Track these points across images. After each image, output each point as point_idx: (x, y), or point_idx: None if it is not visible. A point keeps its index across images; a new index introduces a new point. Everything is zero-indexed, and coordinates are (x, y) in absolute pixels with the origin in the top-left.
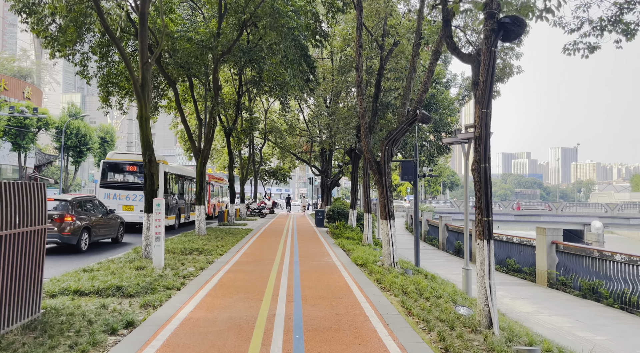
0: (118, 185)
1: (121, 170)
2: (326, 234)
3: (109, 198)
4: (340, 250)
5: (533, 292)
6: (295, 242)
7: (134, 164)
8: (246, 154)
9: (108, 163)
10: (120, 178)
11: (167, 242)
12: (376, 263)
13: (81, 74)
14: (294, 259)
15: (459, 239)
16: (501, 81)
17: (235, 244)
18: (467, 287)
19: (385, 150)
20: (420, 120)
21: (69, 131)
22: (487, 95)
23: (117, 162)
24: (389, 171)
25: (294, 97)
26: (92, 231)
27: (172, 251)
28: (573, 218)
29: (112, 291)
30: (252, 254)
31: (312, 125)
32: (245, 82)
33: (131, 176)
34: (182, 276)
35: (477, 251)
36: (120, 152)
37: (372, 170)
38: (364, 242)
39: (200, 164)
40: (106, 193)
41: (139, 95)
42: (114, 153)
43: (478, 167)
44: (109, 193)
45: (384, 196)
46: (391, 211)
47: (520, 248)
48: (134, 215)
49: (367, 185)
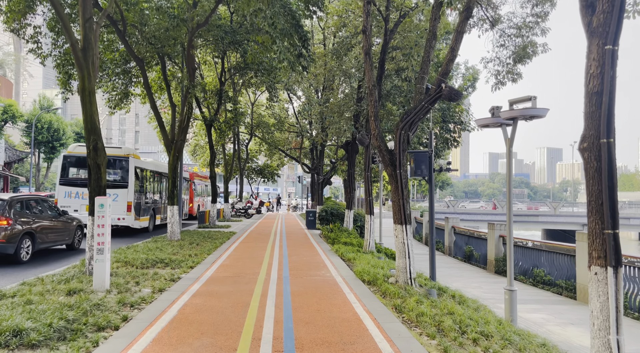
0: (81, 182)
1: (84, 165)
2: (320, 238)
3: (70, 197)
4: (339, 260)
5: (582, 315)
6: (285, 248)
7: None
8: (231, 150)
9: (69, 157)
10: (84, 174)
11: (129, 250)
12: (388, 279)
13: (34, 53)
14: (283, 273)
15: (470, 244)
16: (522, 62)
17: (212, 252)
18: (512, 314)
19: (400, 136)
20: (447, 97)
21: (39, 125)
22: (615, 22)
23: (80, 156)
24: (405, 162)
25: (282, 86)
26: (37, 237)
27: (131, 263)
28: (571, 219)
29: (5, 339)
30: (231, 267)
31: (302, 117)
32: (228, 68)
33: None
34: (129, 304)
35: (594, 286)
36: (84, 145)
37: (383, 161)
38: (365, 248)
39: (173, 158)
40: (67, 191)
41: (80, 61)
42: (76, 145)
43: (595, 145)
44: (70, 191)
45: (399, 194)
46: (407, 214)
47: (553, 257)
48: None
49: (368, 182)
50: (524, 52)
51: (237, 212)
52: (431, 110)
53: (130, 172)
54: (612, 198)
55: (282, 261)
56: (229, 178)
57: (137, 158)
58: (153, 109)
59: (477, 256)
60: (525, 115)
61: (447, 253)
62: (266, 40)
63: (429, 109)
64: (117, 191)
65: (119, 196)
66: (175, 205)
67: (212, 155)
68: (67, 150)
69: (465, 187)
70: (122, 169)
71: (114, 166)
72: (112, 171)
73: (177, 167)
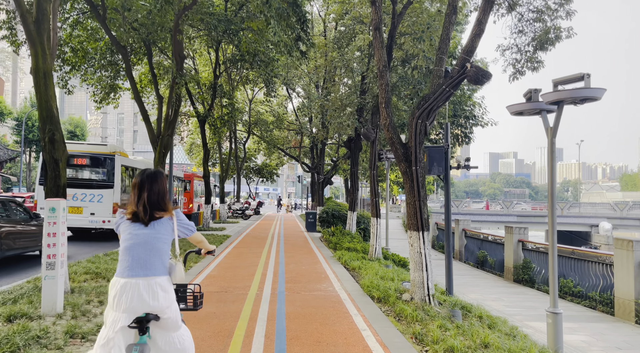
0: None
1: (67, 163)
2: (320, 242)
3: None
4: (342, 269)
5: (627, 336)
6: (282, 254)
7: (83, 155)
8: (228, 148)
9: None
10: (67, 173)
11: (105, 258)
12: (401, 295)
13: (7, 39)
14: (279, 287)
15: (483, 248)
16: (543, 49)
17: (200, 260)
18: (557, 343)
19: (417, 127)
20: (473, 78)
21: (30, 123)
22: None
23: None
24: (422, 158)
25: (281, 81)
26: (3, 243)
27: (103, 275)
28: (579, 220)
29: None
30: (219, 278)
31: (301, 113)
32: (223, 61)
33: (80, 171)
34: (79, 335)
35: None
36: (66, 142)
37: (395, 156)
38: (370, 255)
39: (158, 154)
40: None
41: (32, 36)
42: None
43: None
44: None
45: (415, 195)
46: (425, 218)
47: (584, 266)
48: (82, 219)
49: (374, 181)
50: (546, 37)
51: (234, 213)
52: None
53: (116, 171)
54: None
55: (277, 270)
56: (225, 177)
57: (125, 156)
58: (137, 101)
59: (492, 262)
60: (576, 98)
61: (458, 258)
62: (261, 26)
63: (450, 94)
64: (102, 191)
65: (104, 197)
66: None
67: (205, 153)
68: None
69: (466, 186)
70: (108, 167)
71: (99, 165)
72: (97, 170)
73: (162, 164)
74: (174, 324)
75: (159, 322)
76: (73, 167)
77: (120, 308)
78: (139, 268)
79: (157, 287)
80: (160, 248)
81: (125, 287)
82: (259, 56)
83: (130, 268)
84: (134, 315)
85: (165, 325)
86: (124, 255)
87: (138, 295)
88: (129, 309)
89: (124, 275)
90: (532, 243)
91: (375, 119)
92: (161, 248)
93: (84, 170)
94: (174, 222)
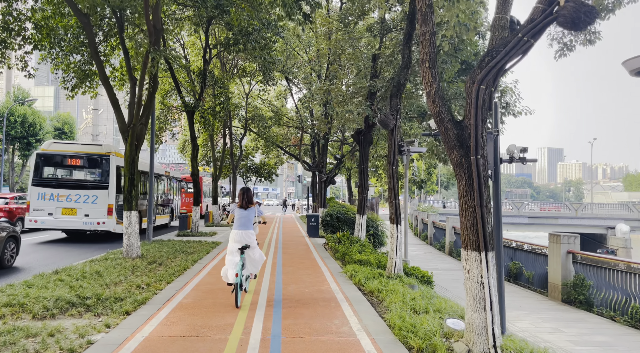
0: (57, 183)
1: (61, 164)
2: (324, 251)
3: (44, 199)
4: (357, 292)
5: None
6: (279, 269)
7: (77, 156)
8: (225, 146)
9: (43, 155)
10: (61, 173)
11: (49, 279)
12: (450, 342)
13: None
14: (273, 328)
15: (517, 259)
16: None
17: (177, 278)
18: None
19: (479, 94)
20: (569, 20)
21: (12, 118)
22: None
23: (56, 154)
24: (484, 142)
25: (280, 67)
26: None
27: (29, 308)
28: (593, 221)
29: None
30: (193, 309)
31: (302, 105)
32: (214, 45)
33: (74, 171)
34: None
35: None
36: (60, 142)
37: (445, 140)
38: (389, 271)
39: (130, 146)
40: (40, 193)
41: None
42: (51, 142)
43: None
44: (44, 193)
45: (473, 197)
46: (489, 232)
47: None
48: (76, 221)
49: (393, 179)
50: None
51: (228, 215)
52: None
53: (111, 172)
54: None
55: (273, 295)
56: (218, 176)
57: (120, 156)
58: (104, 82)
59: (529, 276)
60: None
61: None
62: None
63: (530, 46)
64: (97, 192)
65: (98, 198)
66: (133, 211)
67: (194, 149)
68: (41, 147)
69: None
70: (103, 168)
71: (94, 165)
72: (92, 171)
73: (135, 160)
74: (254, 248)
75: (249, 249)
76: (67, 167)
77: (235, 241)
78: (242, 226)
79: (249, 234)
80: (250, 219)
81: (237, 233)
82: (253, 36)
83: (239, 227)
84: (240, 244)
85: (252, 249)
86: (237, 222)
87: (241, 237)
88: (238, 242)
89: (236, 228)
90: (585, 255)
91: (395, 102)
92: (251, 219)
93: (78, 170)
94: (255, 209)
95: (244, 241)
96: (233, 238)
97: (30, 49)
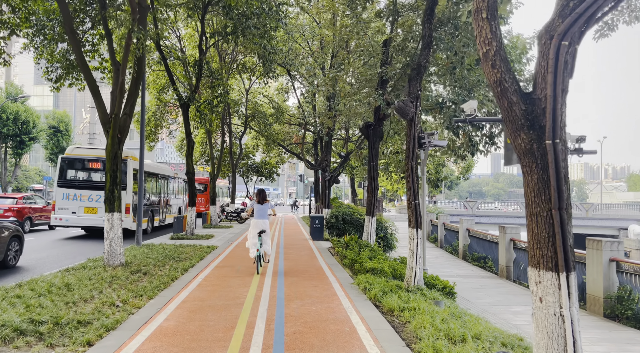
0: (79, 184)
1: (83, 167)
2: (331, 257)
3: (68, 199)
4: (374, 311)
5: None
6: (281, 281)
7: (98, 159)
8: (223, 144)
9: (67, 159)
10: (82, 176)
11: (9, 293)
12: None
13: None
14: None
15: None
16: None
17: (161, 291)
18: None
19: (559, 52)
20: None
21: (5, 116)
22: None
23: (78, 158)
24: (564, 121)
25: (280, 58)
26: None
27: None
28: (604, 222)
29: None
30: (175, 337)
31: (304, 99)
32: (211, 34)
33: (95, 174)
34: None
35: None
36: (82, 147)
37: (506, 118)
38: (408, 282)
39: (112, 140)
40: (65, 193)
41: None
42: (74, 147)
43: None
44: (68, 193)
45: (547, 195)
46: (570, 246)
47: None
48: (97, 219)
49: (412, 176)
50: None
51: (227, 215)
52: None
53: (128, 174)
54: None
55: (274, 315)
56: (216, 175)
57: (135, 159)
58: (81, 65)
59: None
60: None
61: (505, 275)
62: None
63: None
64: None
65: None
66: (116, 213)
67: (189, 145)
68: (65, 152)
69: (469, 187)
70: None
71: None
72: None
73: (118, 155)
74: (268, 233)
75: (264, 233)
76: (88, 170)
77: (255, 227)
78: (260, 217)
79: (265, 222)
80: (265, 211)
81: (257, 222)
82: (252, 21)
83: (258, 217)
84: (258, 230)
85: (266, 233)
86: (256, 213)
87: (260, 224)
88: (257, 228)
89: (256, 218)
90: (632, 264)
91: (415, 87)
92: (266, 211)
93: (98, 173)
94: (269, 204)
95: (261, 227)
96: (254, 225)
97: (7, 35)
